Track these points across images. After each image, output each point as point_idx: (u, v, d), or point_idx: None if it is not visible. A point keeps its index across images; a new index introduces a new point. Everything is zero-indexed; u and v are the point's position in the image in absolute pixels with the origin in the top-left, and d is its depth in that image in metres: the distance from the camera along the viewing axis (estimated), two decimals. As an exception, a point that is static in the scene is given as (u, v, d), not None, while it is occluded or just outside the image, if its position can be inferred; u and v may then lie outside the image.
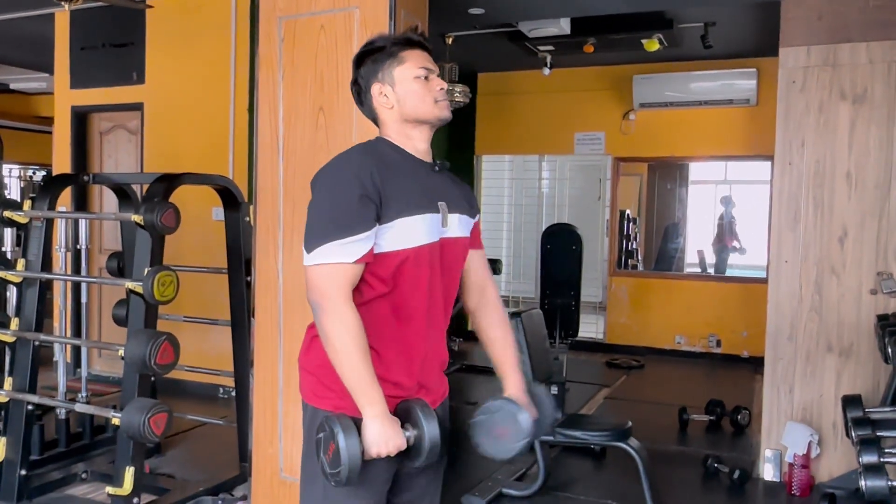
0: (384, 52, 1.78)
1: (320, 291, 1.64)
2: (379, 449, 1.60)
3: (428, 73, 1.78)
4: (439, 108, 1.78)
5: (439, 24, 5.28)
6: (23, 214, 3.51)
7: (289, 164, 3.15)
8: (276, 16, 3.18)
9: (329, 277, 1.64)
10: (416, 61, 1.77)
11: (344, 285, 1.64)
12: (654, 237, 8.95)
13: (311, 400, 1.78)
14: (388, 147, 1.78)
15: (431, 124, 1.80)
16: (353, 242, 1.63)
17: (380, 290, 1.70)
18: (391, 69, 1.77)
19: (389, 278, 1.70)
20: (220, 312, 4.22)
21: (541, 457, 3.65)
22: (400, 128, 1.79)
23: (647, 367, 6.85)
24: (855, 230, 3.86)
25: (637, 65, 6.99)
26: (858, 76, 3.84)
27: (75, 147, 5.96)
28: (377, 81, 1.78)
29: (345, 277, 1.64)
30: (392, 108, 1.77)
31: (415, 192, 1.72)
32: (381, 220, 1.66)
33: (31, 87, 8.58)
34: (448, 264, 1.80)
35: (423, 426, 1.65)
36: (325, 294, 1.63)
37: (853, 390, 3.75)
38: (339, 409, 1.67)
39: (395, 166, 1.72)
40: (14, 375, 3.51)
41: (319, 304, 1.64)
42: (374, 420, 1.61)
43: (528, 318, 3.65)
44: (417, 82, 1.76)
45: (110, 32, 5.71)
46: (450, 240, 1.79)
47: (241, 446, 3.84)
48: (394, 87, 1.77)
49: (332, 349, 1.64)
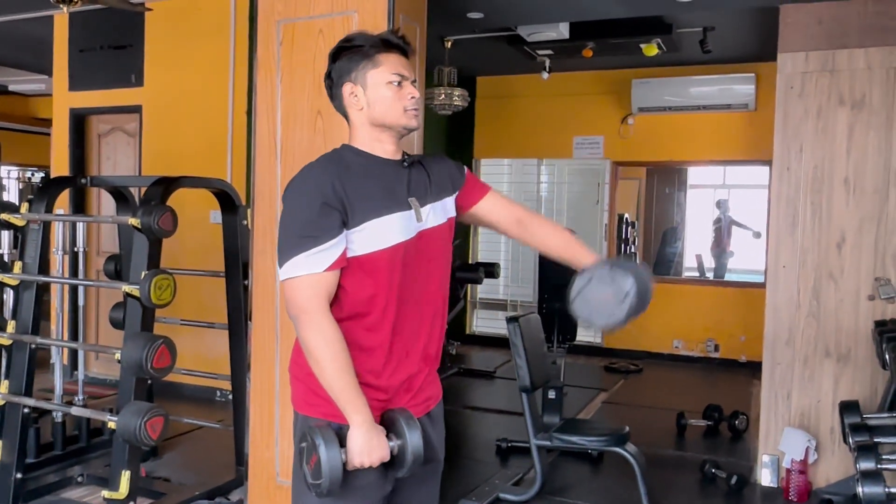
0: (360, 52, 1.74)
1: (296, 304, 1.65)
2: (362, 459, 1.61)
3: (401, 80, 1.74)
4: (407, 118, 1.76)
5: (438, 27, 5.28)
6: (20, 217, 3.50)
7: (286, 167, 3.15)
8: (275, 19, 3.18)
9: (303, 289, 1.64)
10: (390, 66, 1.74)
11: (319, 295, 1.64)
12: (653, 241, 8.97)
13: (300, 408, 1.78)
14: (352, 153, 1.76)
15: (398, 132, 1.78)
16: (320, 252, 1.63)
17: (358, 297, 1.70)
18: (365, 71, 1.74)
19: (367, 283, 1.69)
20: (217, 316, 4.21)
21: (538, 461, 3.65)
22: (368, 130, 1.77)
23: (645, 371, 6.84)
24: (853, 236, 3.86)
25: (636, 69, 7.00)
26: (857, 82, 3.84)
27: (74, 149, 5.95)
28: (349, 81, 1.75)
29: (319, 287, 1.64)
30: (361, 109, 1.76)
31: (382, 194, 1.71)
32: (350, 225, 1.66)
33: (29, 88, 8.58)
34: (431, 255, 1.80)
35: (406, 436, 1.65)
36: (301, 306, 1.64)
37: (851, 396, 3.75)
38: (328, 417, 1.68)
39: (360, 170, 1.71)
40: (10, 378, 3.49)
41: (297, 317, 1.65)
42: (358, 429, 1.61)
43: (525, 322, 3.65)
44: (389, 88, 1.74)
45: (109, 35, 5.71)
46: (427, 230, 1.78)
47: (238, 450, 3.83)
48: (365, 89, 1.74)
49: (313, 360, 1.64)
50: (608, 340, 7.52)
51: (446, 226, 1.85)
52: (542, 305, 5.34)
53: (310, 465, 1.60)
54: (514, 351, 3.59)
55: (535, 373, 3.63)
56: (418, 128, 1.82)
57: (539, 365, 3.71)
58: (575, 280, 1.75)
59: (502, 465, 4.29)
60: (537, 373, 3.66)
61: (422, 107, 2.30)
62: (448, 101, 5.89)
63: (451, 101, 5.90)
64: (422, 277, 1.77)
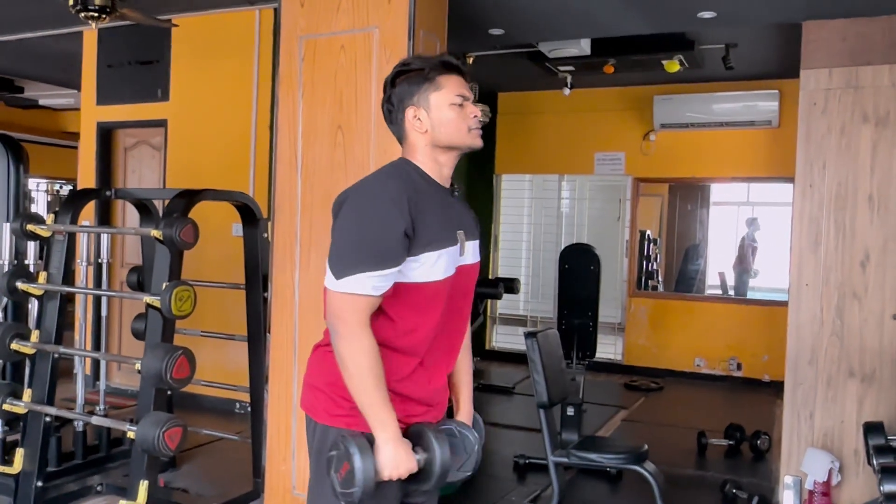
0: (421, 75, 1.76)
1: (341, 318, 1.66)
2: (391, 472, 1.61)
3: (463, 101, 1.77)
4: (472, 137, 1.77)
5: (459, 43, 5.31)
6: (46, 228, 3.56)
7: (307, 181, 3.18)
8: (298, 35, 3.23)
9: (352, 305, 1.65)
10: (452, 88, 1.76)
11: (365, 313, 1.66)
12: (675, 258, 8.89)
13: (322, 418, 1.77)
14: (417, 173, 1.76)
15: (461, 151, 1.80)
16: (382, 276, 1.64)
17: (404, 320, 1.72)
18: (427, 94, 1.75)
19: (414, 309, 1.71)
20: (237, 328, 4.24)
21: (555, 479, 3.61)
22: (430, 152, 1.77)
23: (666, 389, 6.77)
24: (877, 254, 3.81)
25: (658, 85, 6.98)
26: (881, 99, 3.80)
27: (100, 162, 6.05)
28: (412, 105, 1.76)
29: (368, 307, 1.66)
30: (425, 132, 1.76)
31: (440, 225, 1.72)
32: (410, 253, 1.67)
33: (58, 103, 8.75)
34: (464, 290, 1.83)
35: (436, 450, 1.66)
36: (346, 320, 1.65)
37: (875, 417, 3.68)
38: (352, 427, 1.68)
39: (424, 195, 1.72)
40: (33, 387, 3.54)
41: (337, 330, 1.66)
42: (386, 443, 1.62)
43: (543, 338, 3.63)
44: (453, 109, 1.75)
45: (136, 50, 5.81)
46: (465, 267, 1.80)
47: (255, 462, 3.84)
48: (429, 112, 1.75)
49: (347, 372, 1.65)
50: (629, 358, 7.46)
51: (478, 265, 1.88)
52: (561, 321, 5.30)
53: (340, 474, 1.61)
54: (532, 367, 3.57)
55: (553, 389, 3.60)
56: (482, 146, 1.83)
57: (557, 381, 3.68)
58: (448, 425, 1.84)
59: (520, 481, 4.26)
60: (555, 389, 3.63)
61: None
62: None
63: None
64: (455, 311, 1.80)
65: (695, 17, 4.38)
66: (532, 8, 4.33)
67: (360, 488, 1.57)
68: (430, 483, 1.68)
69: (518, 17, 4.52)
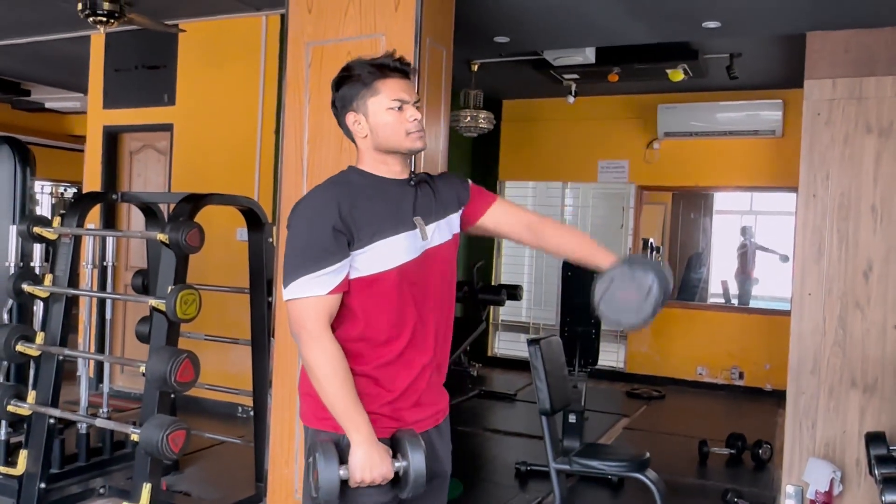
0: (359, 81, 1.77)
1: (299, 324, 1.69)
2: (363, 475, 1.63)
3: (402, 104, 1.76)
4: (410, 140, 1.78)
5: (465, 51, 5.34)
6: (52, 231, 3.58)
7: (312, 186, 3.19)
8: (304, 41, 3.25)
9: (305, 310, 1.68)
10: (389, 92, 1.76)
11: (321, 317, 1.68)
12: (678, 266, 8.90)
13: (310, 422, 1.80)
14: (358, 175, 1.80)
15: (403, 154, 1.82)
16: (325, 275, 1.67)
17: (369, 315, 1.73)
18: (365, 99, 1.77)
19: (377, 301, 1.73)
20: (241, 332, 4.25)
21: (556, 486, 3.61)
22: (373, 155, 1.80)
23: (668, 397, 6.77)
24: (880, 264, 3.81)
25: (662, 94, 7.00)
26: (884, 109, 3.81)
27: (106, 166, 6.08)
28: (352, 110, 1.79)
29: (321, 309, 1.68)
30: (366, 136, 1.79)
31: (387, 214, 1.74)
32: (355, 247, 1.69)
33: (65, 106, 8.79)
34: (436, 271, 1.83)
35: (410, 457, 1.67)
36: (304, 326, 1.68)
37: (877, 427, 3.68)
38: (338, 430, 1.70)
39: (365, 192, 1.75)
40: (37, 389, 3.56)
41: (299, 336, 1.69)
42: (358, 446, 1.64)
43: (546, 345, 3.63)
44: (390, 114, 1.76)
45: (143, 55, 5.85)
46: (433, 249, 1.81)
47: (258, 466, 3.85)
48: (367, 117, 1.77)
49: (315, 379, 1.68)
50: (631, 366, 7.46)
51: (451, 242, 1.88)
52: (564, 329, 5.31)
53: (312, 479, 1.64)
54: (535, 374, 3.58)
55: (556, 396, 3.61)
56: (425, 148, 1.85)
57: (559, 388, 3.69)
58: (596, 283, 1.76)
59: (521, 488, 4.27)
60: (557, 396, 3.64)
61: (439, 132, 2.31)
62: (474, 124, 5.94)
63: (476, 124, 5.94)
64: (429, 294, 1.80)
65: (699, 27, 4.40)
66: (537, 16, 4.35)
67: (324, 491, 1.60)
68: (406, 490, 1.69)
69: (523, 25, 4.54)
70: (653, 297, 1.71)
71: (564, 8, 4.18)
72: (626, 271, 1.74)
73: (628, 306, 1.72)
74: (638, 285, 1.71)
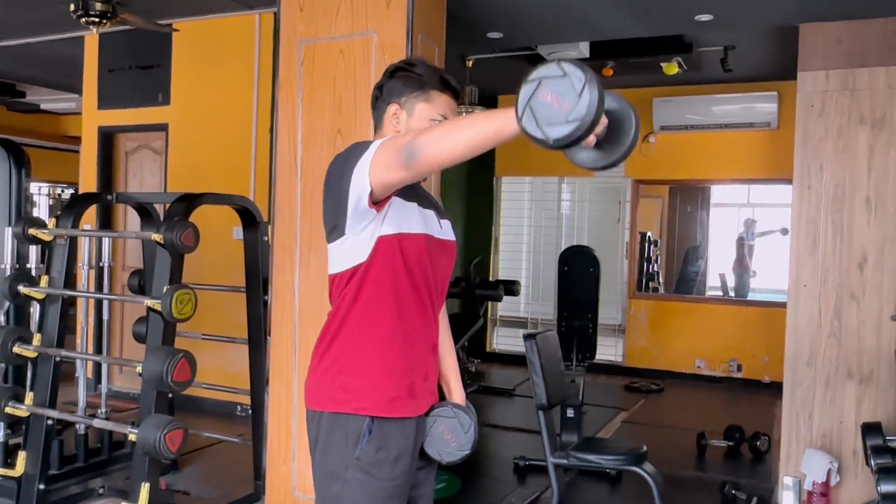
0: (418, 81, 1.81)
1: (395, 151, 1.59)
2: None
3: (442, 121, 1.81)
4: None
5: (458, 46, 5.34)
6: (47, 232, 3.58)
7: (307, 185, 3.21)
8: (297, 40, 3.25)
9: (384, 151, 1.61)
10: (440, 106, 1.81)
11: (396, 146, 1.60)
12: (676, 260, 8.91)
13: (328, 406, 1.77)
14: None
15: None
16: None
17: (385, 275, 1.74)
18: (416, 101, 1.81)
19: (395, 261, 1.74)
20: (238, 331, 4.26)
21: (554, 480, 3.62)
22: None
23: (666, 391, 6.78)
24: (875, 255, 3.82)
25: (657, 88, 6.99)
26: (877, 101, 3.82)
27: (101, 166, 6.07)
28: (396, 102, 1.82)
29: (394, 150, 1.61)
30: (398, 132, 1.81)
31: (414, 196, 1.80)
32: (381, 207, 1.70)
33: (60, 107, 8.78)
34: (445, 263, 1.87)
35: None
36: (400, 147, 1.58)
37: (873, 418, 3.70)
38: (359, 411, 1.72)
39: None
40: (35, 391, 3.56)
41: (405, 149, 1.57)
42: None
43: (542, 339, 3.64)
44: (430, 125, 1.79)
45: (137, 55, 5.84)
46: (445, 241, 1.87)
47: (256, 464, 3.86)
48: (410, 116, 1.81)
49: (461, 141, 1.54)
50: (629, 359, 7.47)
51: (455, 244, 1.94)
52: (561, 323, 5.32)
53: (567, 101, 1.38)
54: (531, 368, 3.59)
55: (552, 390, 3.62)
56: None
57: (556, 382, 3.70)
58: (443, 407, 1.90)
59: (520, 483, 4.28)
60: (554, 390, 3.65)
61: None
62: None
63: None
64: (441, 278, 1.85)
65: (692, 20, 4.40)
66: (530, 11, 4.35)
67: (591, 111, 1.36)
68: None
69: (516, 20, 4.54)
70: (466, 451, 1.87)
71: (557, 2, 4.18)
72: (467, 421, 1.88)
73: (448, 446, 1.87)
74: (465, 438, 1.88)
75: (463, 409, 1.89)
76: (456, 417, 1.86)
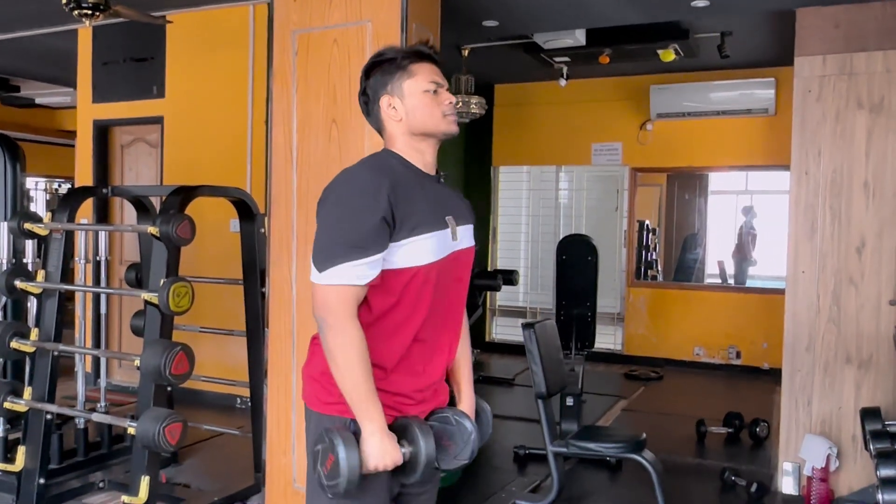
0: (394, 65, 1.79)
1: (328, 309, 1.67)
2: (376, 462, 1.63)
3: (437, 87, 1.79)
4: (447, 123, 1.80)
5: (454, 36, 5.31)
6: (43, 226, 3.57)
7: (302, 175, 3.19)
8: (291, 30, 3.23)
9: (338, 296, 1.66)
10: (425, 75, 1.79)
11: (351, 304, 1.67)
12: (674, 248, 8.91)
13: (315, 406, 1.80)
14: (398, 162, 1.78)
15: (438, 138, 1.82)
16: (365, 265, 1.65)
17: (387, 306, 1.72)
18: (401, 82, 1.78)
19: (398, 295, 1.72)
20: (236, 323, 4.25)
21: (554, 469, 3.64)
22: (408, 140, 1.80)
23: (666, 378, 6.79)
24: (873, 240, 3.82)
25: (653, 75, 6.97)
26: (875, 85, 3.81)
27: (97, 160, 6.05)
28: (386, 94, 1.79)
29: (353, 297, 1.67)
30: (400, 120, 1.79)
31: (426, 210, 1.73)
32: (395, 238, 1.68)
33: (55, 101, 8.74)
34: (458, 275, 1.83)
35: (420, 443, 1.68)
36: (333, 312, 1.66)
37: (872, 402, 3.70)
38: (343, 414, 1.71)
39: (406, 183, 1.73)
40: (33, 385, 3.56)
41: (325, 321, 1.67)
42: (373, 435, 1.64)
43: (541, 328, 3.64)
44: (426, 96, 1.78)
45: (131, 47, 5.81)
46: (459, 251, 1.81)
47: (256, 456, 3.86)
48: (403, 99, 1.78)
49: (335, 365, 1.67)
50: (628, 347, 7.48)
51: (472, 249, 1.88)
52: (560, 312, 5.31)
53: (325, 467, 1.63)
54: (530, 357, 3.59)
55: (551, 379, 3.62)
56: (458, 133, 1.85)
57: (555, 371, 3.70)
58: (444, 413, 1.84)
59: (520, 472, 4.29)
60: (553, 379, 3.65)
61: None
62: (466, 109, 5.90)
63: (468, 109, 5.90)
64: (448, 296, 1.80)
65: (688, 6, 4.38)
66: (525, -1, 4.33)
67: (345, 478, 1.59)
68: (416, 475, 1.69)
69: (512, 8, 4.51)
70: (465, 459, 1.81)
71: (552, -10, 4.16)
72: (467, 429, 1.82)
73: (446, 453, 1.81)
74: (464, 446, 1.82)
75: (466, 418, 1.83)
76: (456, 426, 1.81)
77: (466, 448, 1.81)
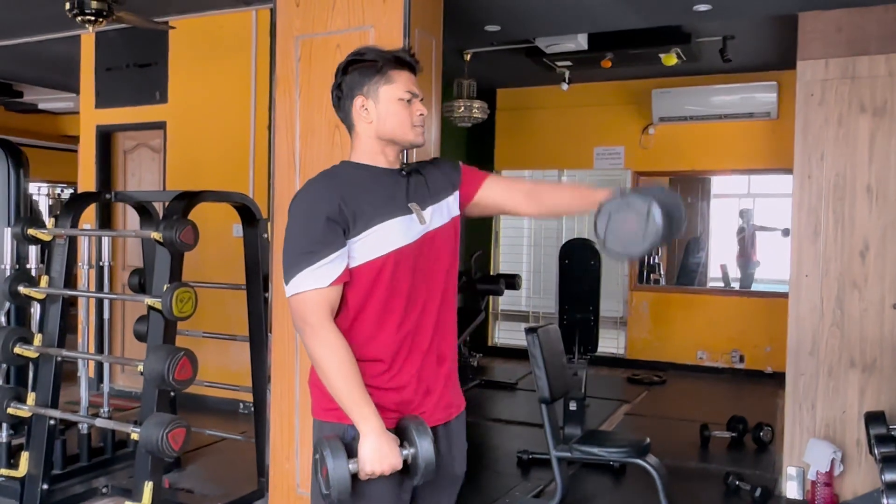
0: (374, 68, 1.79)
1: (301, 317, 1.70)
2: (373, 467, 1.63)
3: (412, 97, 1.80)
4: (414, 133, 1.82)
5: (456, 40, 5.32)
6: (46, 232, 3.58)
7: (305, 180, 3.18)
8: (294, 35, 3.23)
9: (306, 303, 1.68)
10: (402, 83, 1.80)
11: (323, 309, 1.69)
12: (677, 251, 8.91)
13: (317, 414, 1.82)
14: (352, 167, 1.82)
15: (403, 146, 1.84)
16: (323, 266, 1.68)
17: (362, 300, 1.74)
18: (378, 86, 1.79)
19: (371, 287, 1.73)
20: (240, 328, 4.25)
21: (558, 473, 3.63)
22: (374, 143, 1.82)
23: (669, 382, 6.78)
24: (876, 244, 3.81)
25: (656, 79, 6.98)
26: (878, 89, 3.80)
27: (100, 165, 6.07)
28: (361, 94, 1.80)
29: (322, 301, 1.69)
30: (370, 123, 1.80)
31: (382, 202, 1.76)
32: (352, 234, 1.71)
33: (58, 107, 8.77)
34: (437, 255, 1.83)
35: (417, 444, 1.67)
36: (307, 320, 1.69)
37: (877, 407, 3.69)
38: (343, 420, 1.71)
39: (358, 182, 1.77)
40: (37, 391, 3.56)
41: (303, 330, 1.70)
42: (367, 437, 1.64)
43: (544, 333, 3.64)
44: (400, 104, 1.79)
45: (134, 53, 5.83)
46: (433, 232, 1.82)
47: (259, 461, 3.86)
48: (377, 104, 1.79)
49: (321, 371, 1.69)
50: (631, 352, 7.47)
51: (450, 225, 1.89)
52: (562, 316, 5.31)
53: (322, 476, 1.64)
54: (534, 362, 3.59)
55: (555, 384, 3.62)
56: (423, 144, 1.87)
57: (558, 376, 3.70)
58: (596, 222, 1.71)
59: (523, 476, 4.28)
60: (557, 384, 3.65)
61: (430, 123, 2.32)
62: (468, 114, 5.92)
63: (470, 114, 5.92)
64: (428, 278, 1.81)
65: (690, 10, 4.38)
66: (528, 3, 4.33)
67: (336, 489, 1.59)
68: (417, 478, 1.69)
69: (514, 13, 4.52)
70: (654, 222, 1.62)
71: (554, -6, 4.17)
72: (619, 202, 1.68)
73: (631, 236, 1.65)
74: (637, 212, 1.64)
75: (634, 191, 1.69)
76: (624, 198, 1.65)
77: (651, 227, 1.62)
